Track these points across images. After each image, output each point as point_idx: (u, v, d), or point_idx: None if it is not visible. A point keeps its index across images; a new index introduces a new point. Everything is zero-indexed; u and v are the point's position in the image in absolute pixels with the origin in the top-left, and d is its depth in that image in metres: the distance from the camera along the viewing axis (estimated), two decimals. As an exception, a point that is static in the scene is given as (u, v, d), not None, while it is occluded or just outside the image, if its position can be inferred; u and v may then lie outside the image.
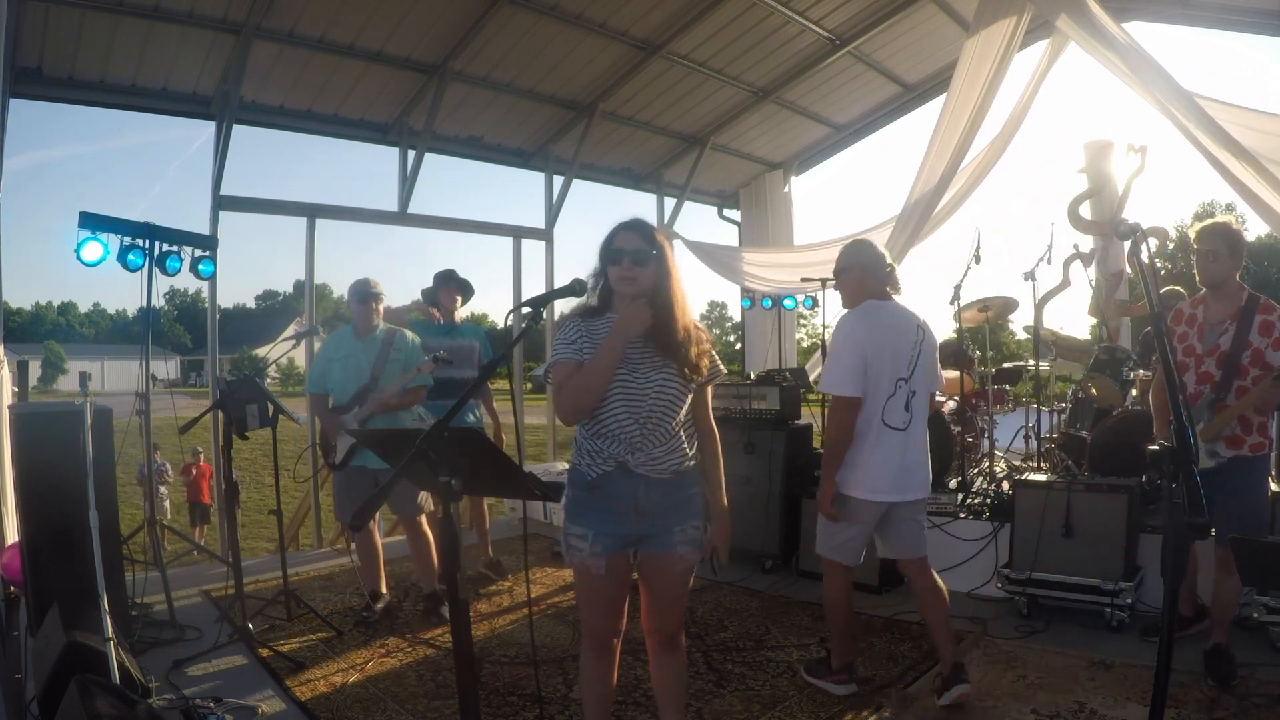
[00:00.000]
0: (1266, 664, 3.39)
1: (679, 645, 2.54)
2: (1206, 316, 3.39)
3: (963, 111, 6.11)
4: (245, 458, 13.59)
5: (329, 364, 4.33)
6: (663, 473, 2.34)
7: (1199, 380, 3.31)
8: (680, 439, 2.38)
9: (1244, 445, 3.24)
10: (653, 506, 2.34)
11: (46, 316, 72.52)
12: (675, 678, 2.55)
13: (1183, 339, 3.42)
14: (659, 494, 2.34)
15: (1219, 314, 3.34)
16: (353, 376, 4.22)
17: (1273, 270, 5.80)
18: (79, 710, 2.21)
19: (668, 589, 2.44)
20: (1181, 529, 1.58)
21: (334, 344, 4.41)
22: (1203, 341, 3.34)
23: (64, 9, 4.94)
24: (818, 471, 5.42)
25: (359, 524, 1.90)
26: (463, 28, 6.14)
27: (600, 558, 2.33)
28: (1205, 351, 3.32)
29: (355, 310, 4.32)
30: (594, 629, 2.48)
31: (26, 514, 3.54)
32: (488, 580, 5.08)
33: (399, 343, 4.32)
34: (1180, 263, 43.95)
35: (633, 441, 2.30)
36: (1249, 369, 3.20)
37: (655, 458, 2.32)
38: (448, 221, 8.11)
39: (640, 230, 2.34)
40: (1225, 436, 3.22)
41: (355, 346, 4.30)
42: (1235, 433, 3.24)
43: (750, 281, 8.53)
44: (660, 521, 2.36)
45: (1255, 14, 5.95)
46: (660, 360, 2.33)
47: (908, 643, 3.91)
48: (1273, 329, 3.20)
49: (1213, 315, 3.36)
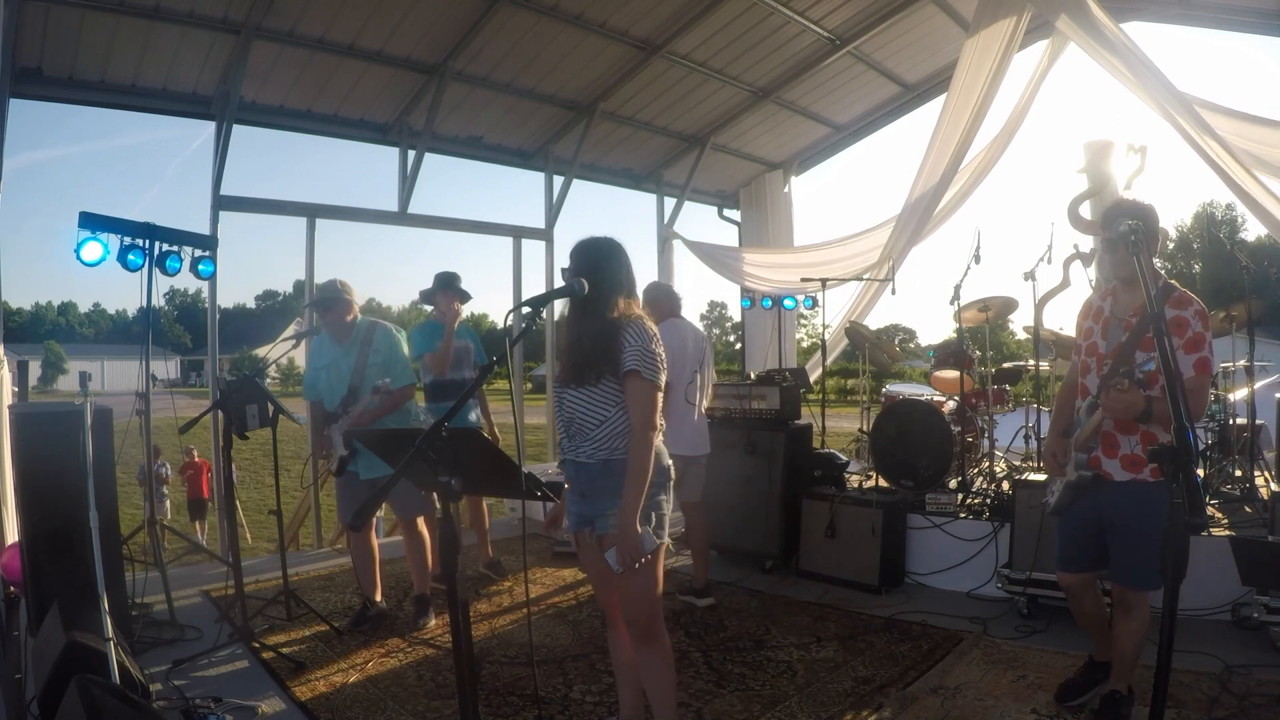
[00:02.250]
0: (1267, 664, 3.39)
1: (649, 639, 2.57)
2: (1114, 310, 2.82)
3: (963, 111, 6.12)
4: (245, 458, 13.60)
5: (316, 372, 4.25)
6: (589, 458, 2.53)
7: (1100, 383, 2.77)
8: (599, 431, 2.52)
9: (1144, 468, 2.69)
10: (589, 490, 2.54)
11: (46, 316, 72.57)
12: (650, 674, 2.59)
13: (1087, 335, 2.93)
14: (588, 478, 2.55)
15: (1128, 307, 2.76)
16: (337, 384, 4.14)
17: (1273, 270, 5.80)
18: (79, 710, 2.21)
19: (611, 576, 2.54)
20: (1181, 528, 1.58)
21: (316, 351, 4.29)
22: (1106, 339, 2.80)
23: (64, 9, 4.93)
24: (818, 471, 5.49)
25: (359, 524, 1.91)
26: (463, 28, 6.14)
27: (570, 532, 2.72)
28: (1109, 351, 2.76)
29: (322, 321, 4.19)
30: (596, 598, 2.77)
31: (26, 514, 3.54)
32: (488, 580, 5.08)
33: (379, 342, 4.16)
34: (1179, 262, 43.53)
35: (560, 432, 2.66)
36: (1156, 374, 2.54)
37: (580, 445, 2.56)
38: (448, 221, 8.11)
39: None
40: (1123, 456, 2.71)
41: (335, 353, 4.18)
42: (1134, 451, 2.69)
43: (750, 281, 8.54)
44: (597, 504, 2.53)
45: (1255, 14, 5.95)
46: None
47: (908, 643, 3.91)
48: (1186, 327, 2.62)
49: (1121, 309, 2.79)
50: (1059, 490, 2.95)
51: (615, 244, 2.67)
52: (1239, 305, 5.45)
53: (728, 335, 53.62)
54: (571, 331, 2.61)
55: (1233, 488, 5.15)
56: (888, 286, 7.09)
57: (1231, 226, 38.43)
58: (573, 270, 2.56)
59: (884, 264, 7.19)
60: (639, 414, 2.46)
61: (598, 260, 2.59)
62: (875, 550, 4.77)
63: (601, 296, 2.53)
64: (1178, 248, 41.65)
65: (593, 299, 2.50)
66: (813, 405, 6.65)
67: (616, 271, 2.60)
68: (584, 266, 2.55)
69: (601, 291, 2.52)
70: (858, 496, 5.05)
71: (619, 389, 2.49)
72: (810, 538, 5.10)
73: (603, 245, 2.64)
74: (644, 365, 2.46)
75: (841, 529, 4.94)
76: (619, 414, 2.50)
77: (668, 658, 2.63)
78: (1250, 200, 4.82)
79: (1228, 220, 40.50)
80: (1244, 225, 38.24)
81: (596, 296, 2.51)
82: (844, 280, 7.29)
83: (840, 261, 7.65)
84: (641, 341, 2.48)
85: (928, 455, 5.20)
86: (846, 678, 3.51)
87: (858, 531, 4.86)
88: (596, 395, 2.51)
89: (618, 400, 2.50)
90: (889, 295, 7.12)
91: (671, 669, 2.66)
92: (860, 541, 4.84)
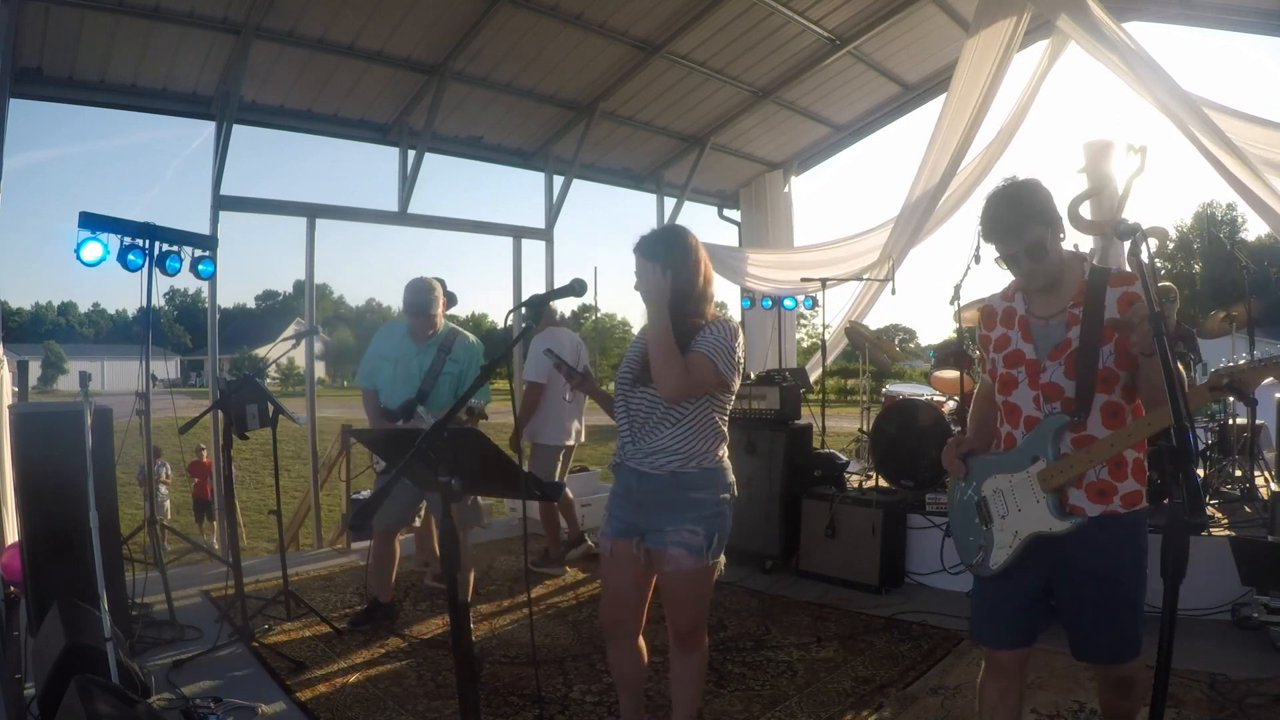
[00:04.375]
0: (1267, 664, 3.39)
1: (694, 647, 2.57)
2: (1033, 308, 2.25)
3: (963, 111, 6.12)
4: (245, 458, 13.59)
5: (379, 361, 4.02)
6: (656, 469, 2.40)
7: (1045, 398, 2.16)
8: (675, 438, 2.40)
9: (1114, 497, 2.10)
10: (647, 501, 2.43)
11: (46, 316, 72.58)
12: (688, 677, 2.59)
13: (1000, 345, 2.30)
14: (652, 489, 2.41)
15: (1050, 306, 2.21)
16: (401, 382, 3.93)
17: (1273, 270, 5.81)
18: (79, 710, 2.21)
19: (665, 587, 2.48)
20: (1182, 528, 1.57)
21: (385, 340, 4.05)
22: (1034, 342, 2.21)
23: (64, 9, 4.93)
24: (818, 471, 5.49)
25: (359, 524, 1.91)
26: (463, 28, 6.14)
27: (608, 539, 2.52)
28: (1046, 354, 2.17)
29: (409, 321, 3.94)
30: (601, 612, 2.65)
31: (26, 514, 3.54)
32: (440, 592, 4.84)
33: (458, 352, 3.93)
34: (1179, 262, 43.47)
35: (623, 436, 2.49)
36: (1116, 373, 2.09)
37: (647, 453, 2.42)
38: (448, 221, 8.11)
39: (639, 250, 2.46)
40: (1090, 485, 2.10)
41: (408, 349, 3.95)
42: (1101, 477, 2.10)
43: (750, 281, 8.53)
44: (655, 518, 2.42)
45: (1255, 14, 5.95)
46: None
47: (908, 643, 3.92)
48: (1139, 305, 2.05)
49: (1043, 305, 2.23)
50: (996, 538, 2.21)
51: (683, 230, 2.52)
52: (1239, 305, 5.45)
53: (728, 335, 53.45)
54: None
55: (1233, 488, 5.15)
56: (888, 286, 7.10)
57: (1232, 226, 38.47)
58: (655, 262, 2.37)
59: (884, 264, 7.19)
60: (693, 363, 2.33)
61: (671, 249, 2.43)
62: (875, 550, 4.77)
63: (686, 291, 2.42)
64: (1178, 248, 41.66)
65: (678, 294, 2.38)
66: (813, 405, 6.65)
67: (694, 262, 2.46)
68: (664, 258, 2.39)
69: (683, 285, 2.41)
70: (858, 496, 5.05)
71: None
72: (810, 538, 5.10)
73: (672, 234, 2.49)
74: (718, 354, 2.36)
75: (841, 529, 4.94)
76: (695, 411, 2.41)
77: (705, 665, 2.66)
78: (1252, 197, 4.82)
79: (1228, 220, 40.53)
80: (1244, 225, 38.31)
81: (678, 291, 2.39)
82: (844, 280, 7.29)
83: (840, 262, 7.66)
84: (722, 337, 2.39)
85: (928, 455, 5.20)
86: (846, 678, 3.51)
87: (858, 531, 4.86)
88: None
89: (690, 403, 2.40)
90: (889, 295, 7.14)
91: (703, 678, 2.70)
92: (860, 541, 4.84)
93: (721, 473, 2.47)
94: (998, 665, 2.30)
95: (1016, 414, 2.22)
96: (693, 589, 2.46)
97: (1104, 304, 2.10)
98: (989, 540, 2.23)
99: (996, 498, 2.22)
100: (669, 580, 2.44)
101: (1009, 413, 2.25)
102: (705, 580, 2.46)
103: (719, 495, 2.45)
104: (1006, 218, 2.14)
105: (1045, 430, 2.13)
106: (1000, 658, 2.29)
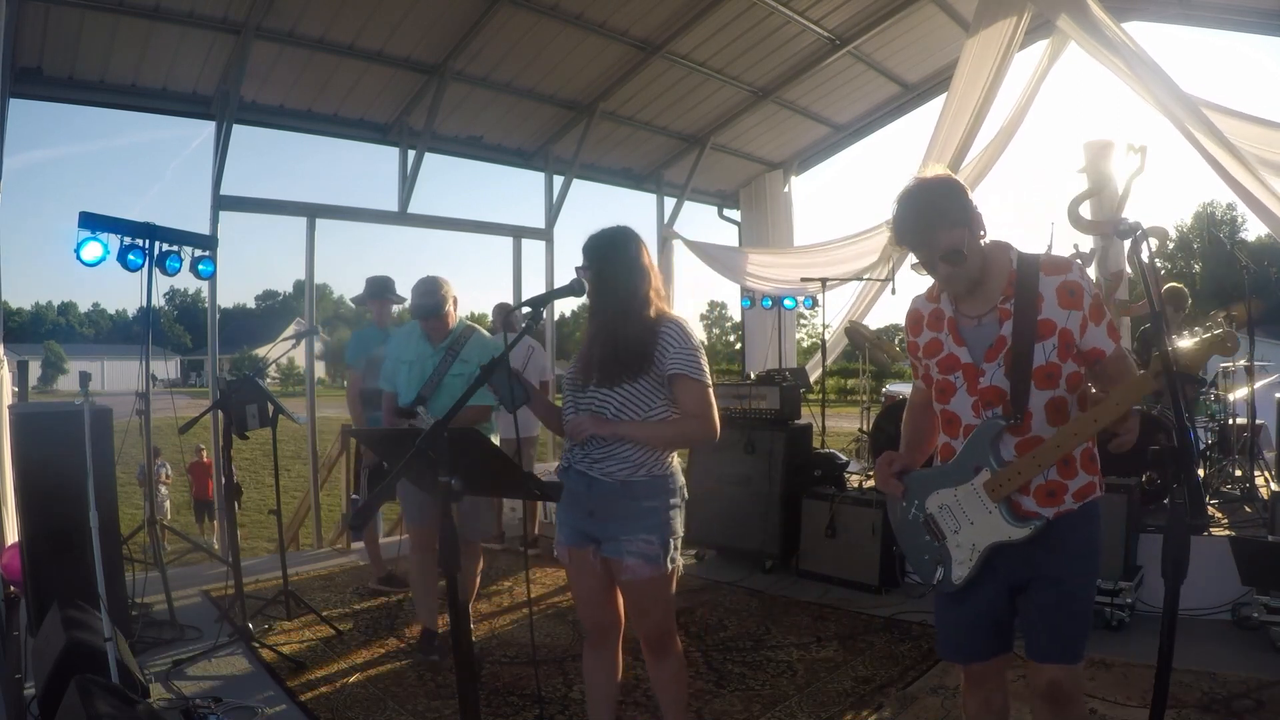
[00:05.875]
0: (1267, 664, 3.39)
1: (666, 652, 2.51)
2: (962, 308, 2.08)
3: (963, 111, 6.12)
4: (245, 458, 13.59)
5: (398, 364, 3.87)
6: (605, 475, 2.34)
7: (986, 403, 2.01)
8: (624, 445, 2.34)
9: (1065, 496, 1.98)
10: (598, 509, 2.37)
11: (46, 316, 72.57)
12: (667, 681, 2.54)
13: (932, 350, 2.12)
14: (602, 497, 2.36)
15: (985, 297, 2.03)
16: (417, 385, 3.75)
17: (1273, 270, 5.81)
18: (79, 710, 2.21)
19: (627, 596, 2.45)
20: (1182, 528, 1.58)
21: (403, 343, 3.91)
22: (968, 345, 2.04)
23: (64, 9, 4.93)
24: (818, 471, 5.48)
25: (359, 524, 1.90)
26: (463, 28, 6.14)
27: (562, 547, 2.48)
28: (982, 356, 2.01)
29: (421, 325, 3.80)
30: (579, 616, 2.64)
31: (26, 514, 3.54)
32: (384, 594, 4.78)
33: (468, 351, 3.73)
34: (1179, 262, 43.46)
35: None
36: (1059, 366, 1.95)
37: (596, 459, 2.36)
38: (448, 221, 8.12)
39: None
40: (1038, 488, 1.97)
41: (424, 351, 3.78)
42: (1050, 478, 1.97)
43: (750, 281, 8.54)
44: (607, 526, 2.36)
45: (1255, 14, 5.95)
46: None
47: (908, 643, 3.91)
48: (1080, 294, 1.94)
49: (972, 304, 2.05)
50: (953, 553, 2.07)
51: (628, 232, 2.45)
52: (1239, 305, 5.45)
53: (728, 335, 53.63)
54: (601, 331, 2.40)
55: (1233, 488, 5.16)
56: (888, 286, 7.10)
57: (1232, 226, 38.47)
58: (586, 267, 2.35)
59: (884, 264, 7.20)
60: (697, 411, 2.35)
61: (608, 252, 2.39)
62: (875, 550, 4.77)
63: (625, 290, 2.36)
64: (1178, 248, 41.68)
65: (614, 294, 2.35)
66: (813, 405, 6.65)
67: (636, 260, 2.40)
68: (595, 260, 2.36)
69: (622, 284, 2.36)
70: (858, 496, 5.05)
71: (652, 389, 2.35)
72: (810, 538, 5.10)
73: (615, 236, 2.43)
74: (690, 367, 2.34)
75: (841, 529, 4.94)
76: (648, 417, 2.36)
77: (682, 668, 2.60)
78: (1251, 198, 4.82)
79: (1228, 220, 40.54)
80: (1244, 225, 38.30)
81: (617, 290, 2.35)
82: (844, 280, 7.30)
83: (840, 262, 7.66)
84: (684, 342, 2.35)
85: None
86: (846, 678, 3.51)
87: (858, 531, 4.86)
88: (627, 396, 2.33)
89: (649, 403, 2.35)
90: (889, 295, 7.14)
91: (685, 679, 2.64)
92: (860, 541, 4.84)
93: (671, 478, 2.41)
94: (975, 677, 2.19)
95: (955, 423, 2.08)
96: (655, 594, 2.40)
97: (1038, 294, 1.95)
98: (945, 555, 2.09)
99: (944, 513, 2.08)
100: (629, 589, 2.40)
101: (947, 422, 2.12)
102: (666, 586, 2.41)
103: (669, 501, 2.39)
104: (915, 225, 1.97)
105: (981, 437, 1.99)
106: (976, 670, 2.18)
